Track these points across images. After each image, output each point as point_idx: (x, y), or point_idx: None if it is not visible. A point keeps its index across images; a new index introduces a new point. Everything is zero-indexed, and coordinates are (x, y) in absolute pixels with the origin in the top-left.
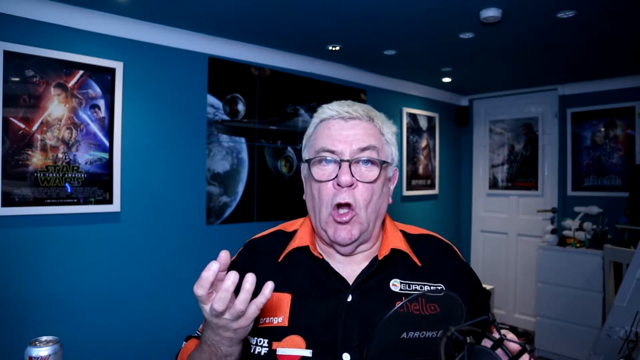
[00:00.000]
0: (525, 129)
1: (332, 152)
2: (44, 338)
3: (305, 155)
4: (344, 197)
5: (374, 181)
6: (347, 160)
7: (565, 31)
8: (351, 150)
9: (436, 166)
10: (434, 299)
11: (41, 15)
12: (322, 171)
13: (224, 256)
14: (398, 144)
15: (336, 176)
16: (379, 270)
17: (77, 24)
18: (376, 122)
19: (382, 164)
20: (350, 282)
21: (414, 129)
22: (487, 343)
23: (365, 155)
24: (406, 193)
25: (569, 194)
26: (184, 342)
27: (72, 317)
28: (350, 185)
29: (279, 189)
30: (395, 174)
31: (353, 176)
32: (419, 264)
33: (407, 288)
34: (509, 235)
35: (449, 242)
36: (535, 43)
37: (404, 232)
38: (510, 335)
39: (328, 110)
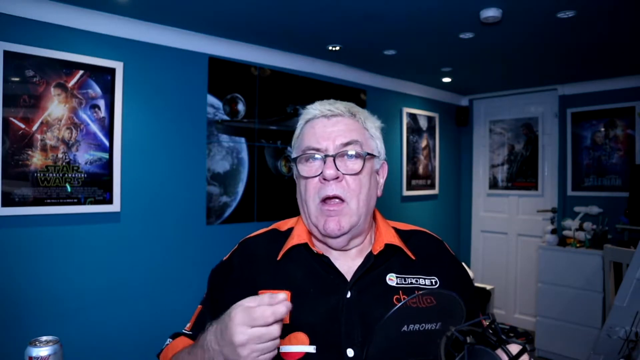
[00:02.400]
0: (525, 129)
1: (317, 149)
2: (44, 338)
3: (294, 155)
4: (332, 190)
5: (359, 172)
6: (332, 156)
7: (565, 31)
8: (334, 145)
9: (436, 166)
10: (429, 292)
11: (41, 15)
12: (309, 168)
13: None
14: (397, 144)
15: (322, 171)
16: (375, 266)
17: (77, 24)
18: (358, 117)
19: (366, 156)
20: (348, 277)
21: (414, 129)
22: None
23: (349, 149)
24: (406, 193)
25: (569, 194)
26: (169, 340)
27: (72, 317)
28: (336, 178)
29: (279, 189)
30: (383, 167)
31: (338, 170)
32: (413, 258)
33: (403, 282)
34: (509, 235)
35: (439, 238)
36: (535, 43)
37: (395, 229)
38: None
39: (312, 110)
